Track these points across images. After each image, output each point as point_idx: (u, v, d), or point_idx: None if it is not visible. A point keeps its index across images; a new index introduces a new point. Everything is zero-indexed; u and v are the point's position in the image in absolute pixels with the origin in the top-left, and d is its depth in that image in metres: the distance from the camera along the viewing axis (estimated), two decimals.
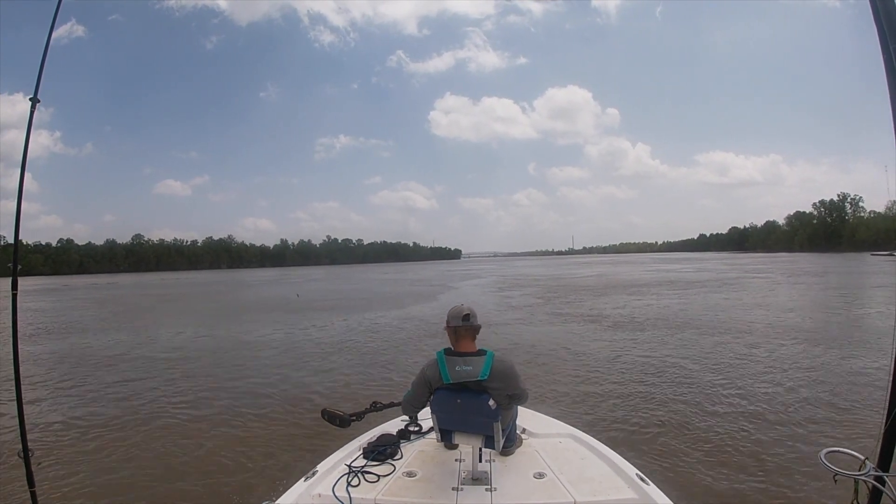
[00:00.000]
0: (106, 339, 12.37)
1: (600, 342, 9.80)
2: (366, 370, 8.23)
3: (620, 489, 2.10)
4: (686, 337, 10.00)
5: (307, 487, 2.20)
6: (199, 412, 6.11)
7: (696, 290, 21.44)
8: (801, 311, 13.58)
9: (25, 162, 2.21)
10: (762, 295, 18.45)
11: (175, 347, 10.97)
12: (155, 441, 5.09)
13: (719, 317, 12.78)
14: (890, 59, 1.44)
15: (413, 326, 12.94)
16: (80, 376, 8.38)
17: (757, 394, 6.08)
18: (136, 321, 16.45)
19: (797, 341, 9.28)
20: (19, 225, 2.15)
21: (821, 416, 5.19)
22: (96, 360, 9.79)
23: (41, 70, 2.13)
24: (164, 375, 8.33)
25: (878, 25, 1.44)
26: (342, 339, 11.34)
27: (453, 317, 2.28)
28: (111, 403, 6.65)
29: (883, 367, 7.09)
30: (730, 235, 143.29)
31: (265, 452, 4.71)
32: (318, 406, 3.77)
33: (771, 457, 4.18)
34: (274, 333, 12.55)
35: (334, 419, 2.84)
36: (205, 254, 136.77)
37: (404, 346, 10.25)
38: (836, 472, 1.48)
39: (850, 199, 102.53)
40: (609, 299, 18.37)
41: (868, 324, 11.28)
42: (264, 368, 8.66)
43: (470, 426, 2.20)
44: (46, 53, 2.18)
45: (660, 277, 30.78)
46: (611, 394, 6.35)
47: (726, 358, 8.15)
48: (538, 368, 7.73)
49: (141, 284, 48.19)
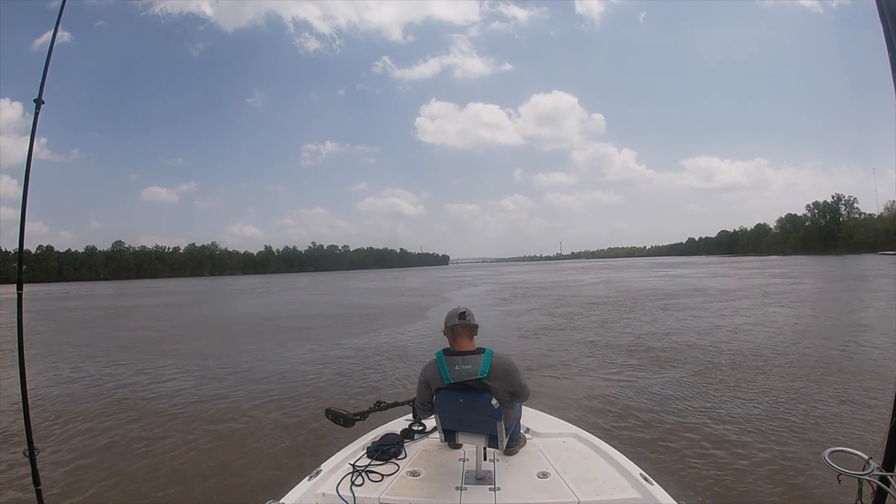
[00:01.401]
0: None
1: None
2: (368, 371, 8.24)
3: (624, 489, 2.10)
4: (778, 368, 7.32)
5: (311, 486, 2.21)
6: (204, 412, 6.15)
7: (741, 300, 16.89)
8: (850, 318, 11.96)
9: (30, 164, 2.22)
10: (823, 304, 15.52)
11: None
12: (160, 440, 5.12)
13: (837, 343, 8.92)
14: (895, 57, 1.43)
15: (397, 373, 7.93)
16: (85, 376, 8.43)
17: (761, 394, 6.06)
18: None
19: (812, 345, 9.11)
20: (24, 228, 2.16)
21: (824, 416, 5.17)
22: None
23: (45, 72, 2.14)
24: (167, 377, 8.38)
25: (884, 23, 1.43)
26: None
27: (450, 317, 2.29)
28: (116, 404, 6.70)
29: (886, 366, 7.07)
30: (719, 239, 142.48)
31: (269, 451, 4.73)
32: (323, 405, 3.78)
33: (775, 456, 4.17)
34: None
35: (338, 418, 2.85)
36: (187, 261, 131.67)
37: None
38: (840, 472, 1.47)
39: (845, 201, 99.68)
40: (646, 316, 13.68)
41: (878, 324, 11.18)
42: (267, 368, 8.69)
43: (473, 426, 2.19)
44: (50, 56, 2.19)
45: (678, 284, 26.29)
46: (614, 393, 6.35)
47: (731, 360, 8.13)
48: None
49: (107, 295, 41.88)
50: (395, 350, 10.07)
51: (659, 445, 4.52)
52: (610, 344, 9.81)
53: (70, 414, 6.14)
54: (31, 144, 2.20)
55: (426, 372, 2.30)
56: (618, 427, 5.05)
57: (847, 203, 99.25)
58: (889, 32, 1.43)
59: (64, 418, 5.95)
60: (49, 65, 2.18)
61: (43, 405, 6.52)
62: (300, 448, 4.75)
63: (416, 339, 11.55)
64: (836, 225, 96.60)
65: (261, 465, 4.40)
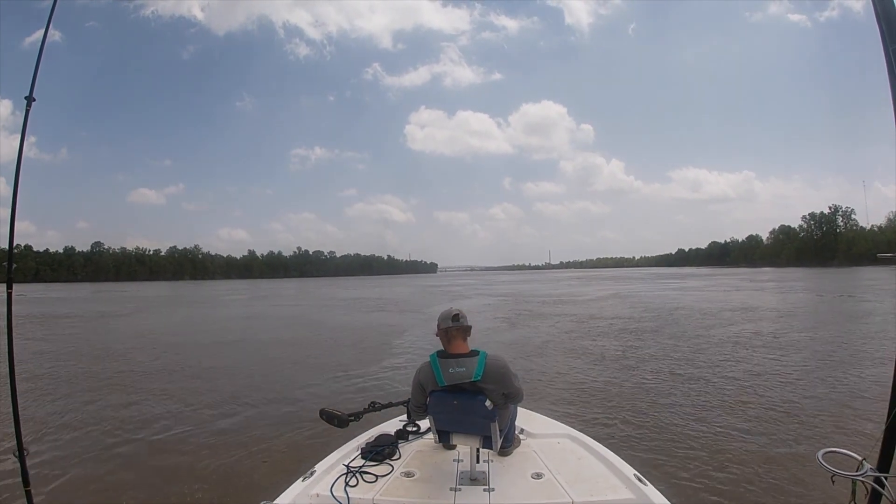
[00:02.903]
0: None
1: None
2: (364, 371, 8.21)
3: (618, 489, 2.10)
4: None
5: (305, 487, 2.20)
6: (197, 413, 6.11)
7: (816, 323, 13.30)
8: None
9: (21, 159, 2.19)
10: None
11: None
12: (152, 441, 5.08)
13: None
14: (891, 61, 1.44)
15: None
16: (75, 378, 8.35)
17: (755, 395, 6.11)
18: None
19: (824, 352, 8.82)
20: (14, 226, 2.14)
21: (818, 418, 5.21)
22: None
23: (36, 69, 2.12)
24: (160, 377, 8.32)
25: (881, 27, 1.44)
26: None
27: (443, 319, 2.28)
28: (108, 404, 6.64)
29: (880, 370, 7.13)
30: (709, 250, 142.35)
31: (263, 452, 4.70)
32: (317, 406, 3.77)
33: (768, 457, 4.20)
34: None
35: (332, 419, 2.83)
36: (168, 264, 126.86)
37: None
38: (834, 473, 1.47)
39: (843, 212, 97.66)
40: (733, 353, 9.01)
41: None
42: (262, 370, 8.65)
43: (467, 427, 2.19)
44: (42, 53, 2.16)
45: (708, 301, 20.89)
46: (609, 394, 6.36)
47: (725, 361, 8.18)
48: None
49: (54, 299, 34.22)
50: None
51: (653, 446, 4.54)
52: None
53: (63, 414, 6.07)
54: (22, 141, 2.18)
55: (420, 374, 2.29)
56: (611, 428, 5.06)
57: (844, 214, 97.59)
58: (885, 37, 1.44)
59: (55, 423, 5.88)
60: (40, 62, 2.15)
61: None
62: (294, 449, 4.73)
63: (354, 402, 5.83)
64: (833, 236, 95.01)
65: (254, 466, 4.38)
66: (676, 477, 3.87)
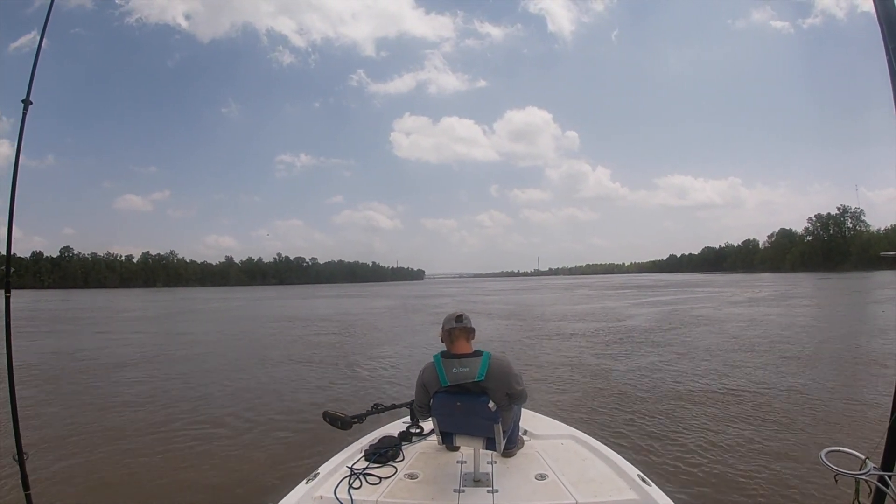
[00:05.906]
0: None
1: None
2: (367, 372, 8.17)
3: (622, 490, 2.10)
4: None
5: (308, 489, 2.19)
6: (199, 415, 6.08)
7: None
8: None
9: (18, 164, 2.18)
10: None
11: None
12: (154, 444, 5.05)
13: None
14: (892, 60, 1.44)
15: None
16: (77, 380, 8.31)
17: (758, 395, 6.12)
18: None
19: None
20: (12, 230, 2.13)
21: (821, 418, 5.23)
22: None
23: (33, 72, 2.11)
24: (162, 380, 8.29)
25: (881, 27, 1.44)
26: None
27: (447, 320, 2.28)
28: (108, 407, 6.61)
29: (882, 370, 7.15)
30: (703, 255, 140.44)
31: (266, 454, 4.69)
32: (320, 408, 3.75)
33: (772, 457, 4.21)
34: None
35: (336, 421, 2.83)
36: (140, 270, 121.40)
37: None
38: (838, 472, 1.48)
39: (852, 213, 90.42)
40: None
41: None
42: (265, 370, 8.63)
43: (470, 428, 2.19)
44: (38, 56, 2.16)
45: (768, 318, 15.52)
46: (612, 395, 6.37)
47: (728, 363, 8.20)
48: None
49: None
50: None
51: (657, 447, 4.54)
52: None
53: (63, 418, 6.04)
54: (19, 145, 2.17)
55: (424, 374, 2.29)
56: (615, 429, 5.07)
57: (854, 215, 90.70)
58: (886, 37, 1.44)
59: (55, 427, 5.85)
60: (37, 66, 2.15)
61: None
62: (297, 451, 4.71)
63: (356, 404, 5.84)
64: (842, 239, 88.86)
65: (257, 469, 4.36)
66: (680, 477, 3.87)
